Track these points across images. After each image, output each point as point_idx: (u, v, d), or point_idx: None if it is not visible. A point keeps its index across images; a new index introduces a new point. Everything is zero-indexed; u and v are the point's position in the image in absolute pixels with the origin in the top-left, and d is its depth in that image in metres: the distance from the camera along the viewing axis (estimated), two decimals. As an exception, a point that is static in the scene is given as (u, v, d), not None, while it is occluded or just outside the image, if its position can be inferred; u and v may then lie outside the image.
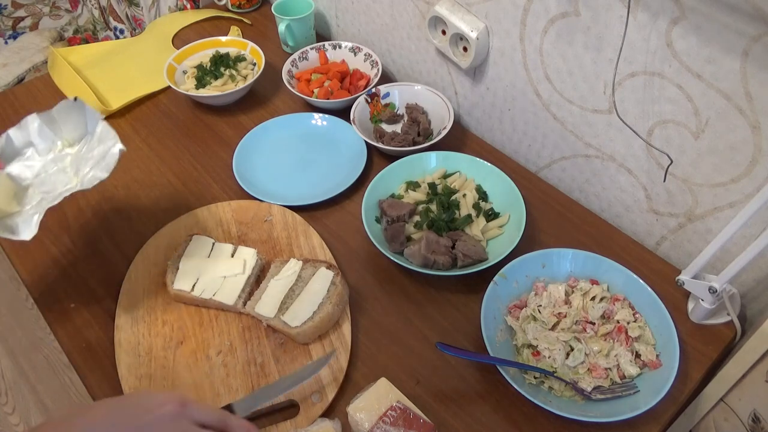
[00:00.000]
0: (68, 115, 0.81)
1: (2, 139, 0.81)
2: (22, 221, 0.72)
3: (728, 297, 0.79)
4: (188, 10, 1.43)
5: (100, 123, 0.78)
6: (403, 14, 1.10)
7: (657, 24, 0.73)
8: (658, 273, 0.86)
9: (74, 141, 0.83)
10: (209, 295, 0.81)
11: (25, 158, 0.82)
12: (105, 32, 2.18)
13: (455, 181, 0.95)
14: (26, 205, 0.77)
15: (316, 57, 1.19)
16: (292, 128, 1.09)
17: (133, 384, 0.75)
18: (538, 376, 0.74)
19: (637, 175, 0.89)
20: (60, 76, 1.20)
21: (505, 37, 0.93)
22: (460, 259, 0.84)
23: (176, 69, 1.16)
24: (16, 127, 0.82)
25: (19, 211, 0.76)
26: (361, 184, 0.97)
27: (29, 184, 0.80)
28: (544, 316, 0.78)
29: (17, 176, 0.80)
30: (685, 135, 0.78)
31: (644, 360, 0.75)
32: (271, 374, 0.75)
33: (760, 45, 0.65)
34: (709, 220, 0.83)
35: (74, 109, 0.81)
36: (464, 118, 1.13)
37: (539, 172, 1.04)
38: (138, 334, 0.80)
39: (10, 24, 2.19)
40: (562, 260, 0.83)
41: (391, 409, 0.67)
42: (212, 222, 0.92)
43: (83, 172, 0.78)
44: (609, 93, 0.84)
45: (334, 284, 0.80)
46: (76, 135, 0.82)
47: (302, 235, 0.90)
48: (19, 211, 0.76)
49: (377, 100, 1.09)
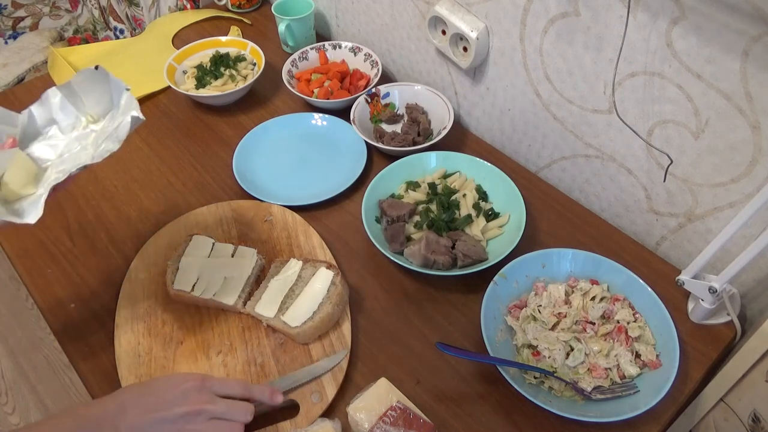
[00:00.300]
0: (90, 86, 0.72)
1: (24, 116, 0.72)
2: (29, 203, 0.65)
3: (728, 297, 0.79)
4: (188, 10, 1.43)
5: (125, 94, 0.70)
6: (403, 14, 1.10)
7: (657, 24, 0.73)
8: (658, 273, 0.86)
9: (99, 116, 0.73)
10: (209, 295, 0.81)
11: (48, 137, 0.72)
12: (105, 32, 2.18)
13: (455, 181, 0.95)
14: (40, 187, 0.68)
15: (316, 57, 1.19)
16: (292, 128, 1.09)
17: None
18: (538, 376, 0.74)
19: (637, 175, 0.89)
20: (60, 76, 1.20)
21: (505, 37, 0.93)
22: (460, 259, 0.84)
23: (176, 69, 1.16)
24: (37, 103, 0.72)
25: (33, 194, 0.68)
26: (361, 184, 0.97)
27: (50, 165, 0.71)
28: (544, 316, 0.78)
29: (39, 157, 0.71)
30: (685, 135, 0.78)
31: (644, 360, 0.75)
32: (271, 374, 0.75)
33: (760, 45, 0.65)
34: (709, 220, 0.83)
35: (97, 80, 0.71)
36: (464, 118, 1.13)
37: (539, 172, 1.04)
38: (138, 334, 0.80)
39: (10, 24, 2.19)
40: (562, 260, 0.83)
41: (391, 409, 0.67)
42: (212, 222, 0.92)
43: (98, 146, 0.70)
44: (609, 93, 0.84)
45: (334, 284, 0.80)
46: (100, 109, 0.73)
47: (302, 235, 0.90)
48: (33, 194, 0.68)
49: (377, 100, 1.09)
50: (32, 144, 0.71)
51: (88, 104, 0.73)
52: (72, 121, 0.73)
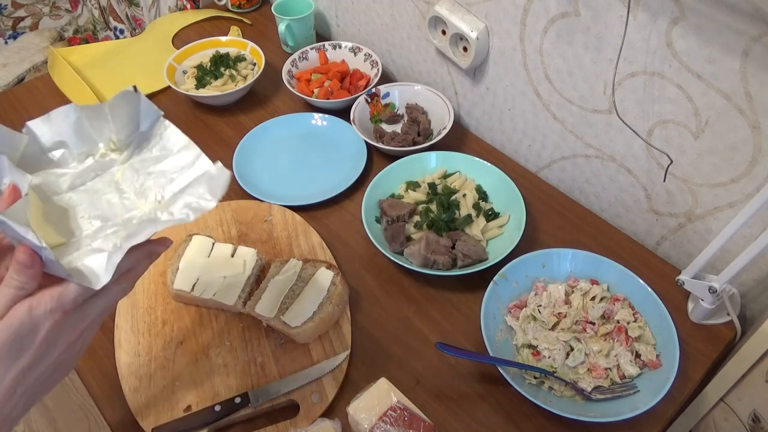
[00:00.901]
0: (121, 109, 0.58)
1: (23, 136, 0.55)
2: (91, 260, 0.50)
3: (728, 297, 0.79)
4: (188, 10, 1.43)
5: (166, 124, 0.59)
6: (403, 14, 1.10)
7: (657, 24, 0.73)
8: (658, 273, 0.86)
9: (121, 144, 0.60)
10: (209, 295, 0.81)
11: (53, 164, 0.57)
12: (105, 32, 2.18)
13: (455, 181, 0.95)
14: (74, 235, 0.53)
15: (316, 57, 1.19)
16: (292, 128, 1.09)
17: (133, 384, 0.75)
18: (538, 376, 0.74)
19: (637, 175, 0.89)
20: (60, 76, 1.20)
21: (505, 37, 0.93)
22: (460, 259, 0.84)
23: (176, 69, 1.16)
24: (42, 119, 0.56)
25: (70, 243, 0.52)
26: (361, 184, 0.97)
27: (68, 201, 0.56)
28: (544, 316, 0.78)
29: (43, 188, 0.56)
30: (685, 135, 0.78)
31: (644, 360, 0.75)
32: (271, 374, 0.75)
33: (760, 45, 0.65)
34: (709, 220, 0.83)
35: (129, 101, 0.58)
36: (464, 118, 1.13)
37: (539, 172, 1.04)
38: (138, 333, 0.80)
39: (10, 24, 2.19)
40: (562, 260, 0.83)
41: (391, 409, 0.67)
42: (212, 222, 0.92)
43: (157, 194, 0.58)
44: (609, 93, 0.84)
45: (334, 284, 0.80)
46: (124, 135, 0.60)
47: (302, 235, 0.90)
48: (70, 243, 0.52)
49: (377, 100, 1.09)
50: (38, 173, 0.56)
51: (115, 128, 0.59)
52: (88, 147, 0.59)
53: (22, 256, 0.47)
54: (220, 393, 0.74)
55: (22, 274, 0.47)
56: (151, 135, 0.60)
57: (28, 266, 0.47)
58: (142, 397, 0.73)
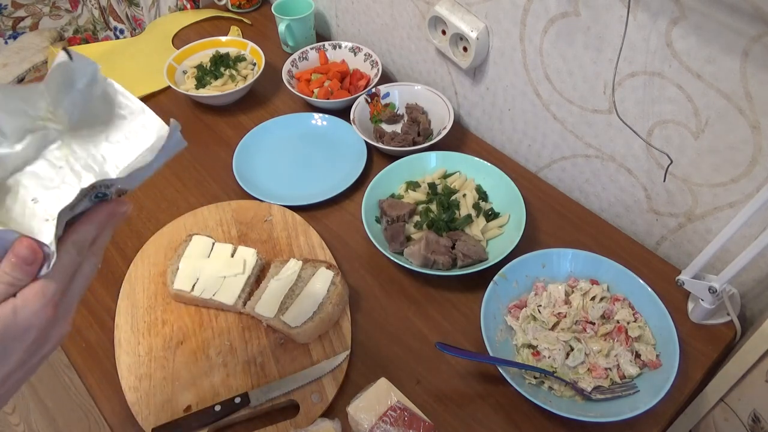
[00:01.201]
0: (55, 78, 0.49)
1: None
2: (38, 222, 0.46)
3: (728, 297, 0.79)
4: (188, 10, 1.43)
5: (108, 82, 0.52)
6: (403, 14, 1.10)
7: (657, 24, 0.73)
8: (658, 273, 0.86)
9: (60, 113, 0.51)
10: (209, 295, 0.81)
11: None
12: (105, 32, 2.18)
13: (455, 181, 0.95)
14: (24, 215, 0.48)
15: (316, 57, 1.19)
16: (292, 128, 1.09)
17: (133, 384, 0.75)
18: (538, 376, 0.74)
19: (637, 175, 0.89)
20: (60, 76, 1.20)
21: (505, 37, 0.93)
22: (460, 259, 0.84)
23: (176, 69, 1.16)
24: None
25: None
26: (361, 184, 0.97)
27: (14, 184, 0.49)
28: (544, 316, 0.78)
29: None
30: (685, 135, 0.78)
31: (644, 360, 0.75)
32: (271, 374, 0.75)
33: (760, 45, 0.65)
34: (709, 220, 0.83)
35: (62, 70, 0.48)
36: (464, 118, 1.13)
37: (539, 172, 1.04)
38: (138, 334, 0.80)
39: (10, 24, 2.19)
40: (562, 260, 0.83)
41: (391, 409, 0.67)
42: (212, 222, 0.92)
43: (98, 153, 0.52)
44: (609, 93, 0.84)
45: (334, 284, 0.80)
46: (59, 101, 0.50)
47: (302, 235, 0.90)
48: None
49: (377, 100, 1.09)
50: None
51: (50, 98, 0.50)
52: (21, 122, 0.50)
53: (25, 250, 0.43)
54: (220, 393, 0.74)
55: (19, 270, 0.43)
56: (91, 95, 0.52)
57: (28, 262, 0.43)
58: (142, 396, 0.73)
